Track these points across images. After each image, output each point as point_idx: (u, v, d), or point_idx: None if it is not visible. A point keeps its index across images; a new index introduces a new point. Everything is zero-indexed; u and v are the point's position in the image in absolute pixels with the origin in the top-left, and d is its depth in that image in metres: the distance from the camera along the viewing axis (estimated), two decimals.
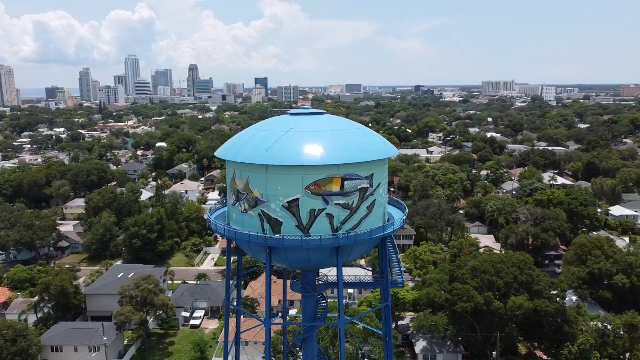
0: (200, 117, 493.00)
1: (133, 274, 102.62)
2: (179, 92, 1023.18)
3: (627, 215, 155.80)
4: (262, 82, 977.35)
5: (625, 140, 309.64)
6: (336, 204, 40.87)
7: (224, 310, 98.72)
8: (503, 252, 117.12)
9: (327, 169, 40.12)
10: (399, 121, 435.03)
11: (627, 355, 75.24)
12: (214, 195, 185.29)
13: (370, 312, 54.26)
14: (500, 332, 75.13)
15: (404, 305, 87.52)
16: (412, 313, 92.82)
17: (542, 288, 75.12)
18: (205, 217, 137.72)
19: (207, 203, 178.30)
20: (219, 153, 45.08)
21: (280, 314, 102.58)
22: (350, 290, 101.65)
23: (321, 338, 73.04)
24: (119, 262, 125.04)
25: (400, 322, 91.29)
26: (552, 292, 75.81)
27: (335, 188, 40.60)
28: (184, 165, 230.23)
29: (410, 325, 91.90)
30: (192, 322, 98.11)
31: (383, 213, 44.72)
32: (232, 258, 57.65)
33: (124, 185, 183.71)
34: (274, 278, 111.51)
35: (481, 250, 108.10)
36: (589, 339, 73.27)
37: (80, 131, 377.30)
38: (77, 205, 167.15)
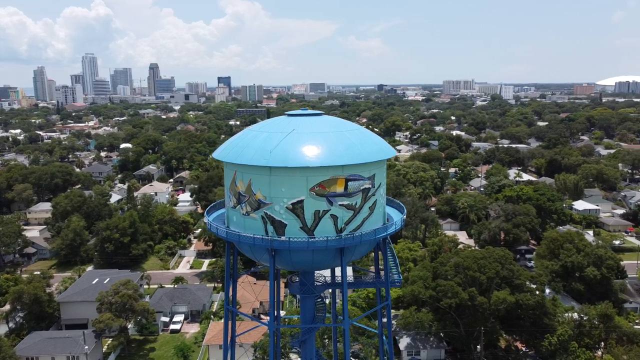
0: (163, 117, 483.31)
1: (109, 279, 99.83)
2: (140, 92, 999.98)
3: (589, 210, 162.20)
4: (225, 81, 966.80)
5: (582, 137, 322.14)
6: (340, 205, 40.94)
7: (205, 314, 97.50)
8: (476, 247, 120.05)
9: (331, 170, 40.14)
10: (364, 120, 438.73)
11: (602, 344, 78.52)
12: (184, 197, 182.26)
13: (371, 311, 54.38)
14: (483, 326, 77.00)
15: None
16: (393, 310, 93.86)
17: (522, 282, 77.42)
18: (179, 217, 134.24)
19: (178, 205, 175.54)
20: (218, 155, 44.41)
21: (261, 316, 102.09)
22: (329, 290, 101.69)
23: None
24: (90, 268, 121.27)
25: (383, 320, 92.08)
26: (531, 286, 78.20)
27: (339, 189, 40.67)
28: (152, 167, 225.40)
29: (394, 322, 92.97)
30: (172, 326, 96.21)
31: (383, 213, 45.13)
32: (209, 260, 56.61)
33: (89, 188, 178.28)
34: (251, 279, 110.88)
35: (460, 247, 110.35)
36: (567, 330, 76.08)
37: (38, 132, 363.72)
38: (42, 209, 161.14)
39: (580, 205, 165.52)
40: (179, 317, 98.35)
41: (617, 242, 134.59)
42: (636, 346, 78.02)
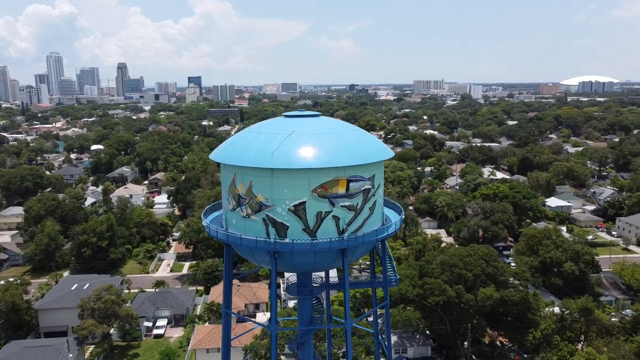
0: (134, 117, 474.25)
1: (88, 284, 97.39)
2: (108, 92, 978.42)
3: (561, 206, 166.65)
4: (195, 81, 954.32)
5: (550, 136, 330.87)
6: (342, 206, 40.96)
7: (190, 317, 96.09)
8: (456, 245, 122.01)
9: (333, 171, 40.12)
10: (338, 120, 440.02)
11: (583, 336, 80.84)
12: (161, 199, 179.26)
13: (371, 311, 54.23)
14: (468, 322, 78.30)
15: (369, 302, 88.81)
16: (379, 309, 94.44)
17: (506, 278, 79.06)
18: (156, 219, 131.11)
19: (155, 207, 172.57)
20: (216, 157, 43.81)
21: (245, 318, 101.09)
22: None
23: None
24: (67, 273, 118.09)
25: (369, 319, 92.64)
26: (515, 282, 79.92)
27: (341, 190, 40.70)
28: (125, 168, 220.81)
29: (380, 321, 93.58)
30: (155, 331, 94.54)
31: (382, 213, 45.39)
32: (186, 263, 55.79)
33: (61, 191, 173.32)
34: (234, 281, 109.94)
35: (443, 245, 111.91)
36: (551, 324, 78.06)
37: (3, 134, 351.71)
38: (12, 213, 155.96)
39: (552, 202, 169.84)
40: (162, 322, 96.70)
41: (589, 238, 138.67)
42: (615, 338, 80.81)
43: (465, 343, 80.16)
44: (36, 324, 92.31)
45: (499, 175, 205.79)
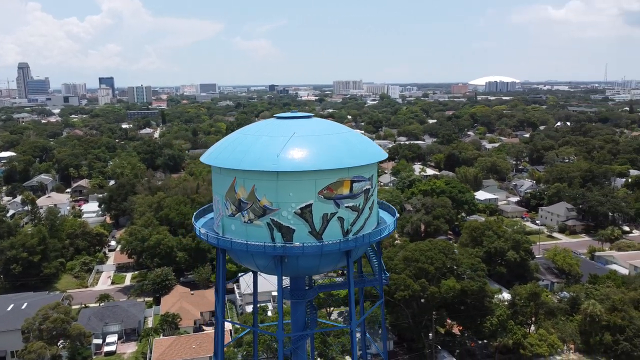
0: (43, 121, 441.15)
1: (26, 304, 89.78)
2: (8, 94, 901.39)
3: (489, 199, 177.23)
4: (107, 81, 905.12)
5: (468, 133, 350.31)
6: (346, 207, 41.01)
7: (145, 330, 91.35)
8: (400, 241, 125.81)
9: (338, 172, 40.07)
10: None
11: (533, 319, 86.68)
12: (90, 207, 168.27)
13: (371, 310, 54.74)
14: (431, 314, 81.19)
15: (337, 301, 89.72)
16: (342, 308, 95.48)
17: (464, 270, 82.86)
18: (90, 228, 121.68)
19: (83, 216, 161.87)
20: (213, 161, 42.08)
21: (203, 327, 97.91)
22: (275, 293, 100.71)
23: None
24: None
25: (332, 317, 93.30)
26: (472, 273, 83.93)
27: (345, 191, 40.74)
28: (44, 176, 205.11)
29: (340, 319, 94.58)
30: (106, 348, 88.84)
31: (378, 213, 45.94)
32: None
33: None
34: (184, 289, 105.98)
35: (397, 242, 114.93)
36: (505, 310, 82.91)
37: None
38: None
39: (481, 195, 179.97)
40: (112, 338, 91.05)
41: (515, 227, 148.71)
42: (559, 319, 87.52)
43: (429, 335, 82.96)
44: None
45: (429, 171, 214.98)
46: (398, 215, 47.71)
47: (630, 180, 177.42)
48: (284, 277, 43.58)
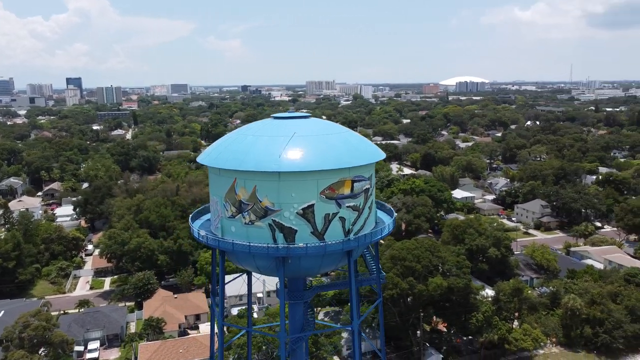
0: (9, 123, 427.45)
1: (3, 311, 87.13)
2: None
3: (466, 197, 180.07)
4: (75, 82, 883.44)
5: (442, 132, 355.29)
6: (347, 207, 41.00)
7: (129, 336, 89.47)
8: (385, 240, 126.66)
9: (340, 172, 40.03)
10: (238, 121, 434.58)
11: (516, 314, 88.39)
12: (64, 211, 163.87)
13: (370, 310, 54.82)
14: (419, 312, 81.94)
15: (323, 301, 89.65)
16: (326, 308, 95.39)
17: (450, 267, 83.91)
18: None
19: (57, 220, 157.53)
20: (211, 162, 41.46)
21: (186, 330, 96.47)
22: (260, 295, 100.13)
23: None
24: None
25: (319, 317, 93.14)
26: (458, 270, 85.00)
27: (346, 190, 40.74)
28: (14, 179, 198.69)
29: (326, 319, 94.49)
30: (88, 355, 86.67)
31: (376, 212, 46.08)
32: None
33: None
34: (167, 293, 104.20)
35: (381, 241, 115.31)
36: (490, 307, 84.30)
37: None
38: None
39: (458, 193, 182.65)
40: (94, 344, 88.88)
41: (494, 225, 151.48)
42: (542, 313, 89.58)
43: (417, 332, 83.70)
44: None
45: (406, 171, 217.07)
46: (395, 215, 47.96)
47: (600, 177, 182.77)
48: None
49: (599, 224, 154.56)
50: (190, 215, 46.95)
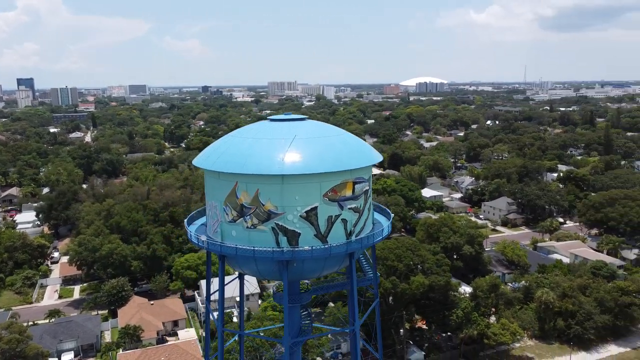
0: None
1: None
2: None
3: (435, 196, 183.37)
4: (27, 83, 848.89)
5: (406, 133, 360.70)
6: (349, 208, 41.12)
7: (106, 345, 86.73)
8: None
9: (342, 174, 40.10)
10: (201, 123, 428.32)
11: (493, 309, 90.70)
12: (24, 217, 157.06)
13: (369, 310, 54.47)
14: (402, 311, 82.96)
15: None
16: (317, 309, 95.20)
17: (431, 265, 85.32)
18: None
19: (17, 227, 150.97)
20: (211, 165, 40.64)
21: (165, 337, 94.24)
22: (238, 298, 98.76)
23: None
24: None
25: None
26: (438, 268, 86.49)
27: (348, 192, 40.85)
28: None
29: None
30: None
31: (373, 214, 46.36)
32: None
33: None
34: (142, 300, 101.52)
35: None
36: (470, 303, 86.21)
37: None
38: None
39: (426, 192, 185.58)
40: (68, 355, 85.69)
41: (464, 222, 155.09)
42: (517, 308, 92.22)
43: (400, 331, 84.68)
44: None
45: (375, 171, 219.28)
46: (393, 216, 48.41)
47: (561, 174, 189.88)
48: (274, 282, 42.97)
49: (561, 220, 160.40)
50: (186, 220, 45.94)
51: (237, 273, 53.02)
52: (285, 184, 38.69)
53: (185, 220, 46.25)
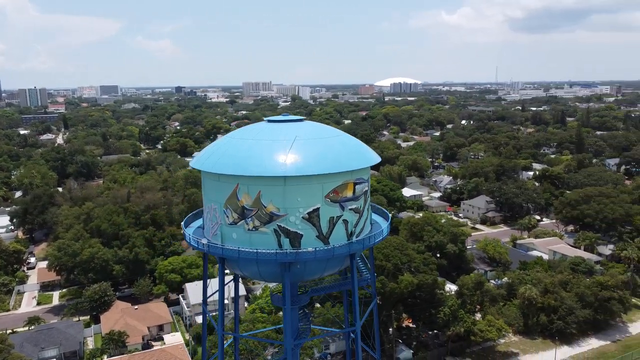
0: None
1: None
2: None
3: (415, 195, 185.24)
4: None
5: (383, 132, 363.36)
6: (350, 209, 41.19)
7: (90, 352, 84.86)
8: None
9: (344, 175, 40.15)
10: (177, 124, 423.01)
11: (479, 306, 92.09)
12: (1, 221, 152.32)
13: (368, 311, 54.39)
14: (391, 310, 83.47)
15: None
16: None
17: (418, 264, 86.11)
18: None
19: None
20: (211, 167, 40.13)
21: (150, 342, 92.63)
22: (226, 301, 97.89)
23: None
24: None
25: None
26: (425, 267, 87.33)
27: (349, 193, 40.92)
28: None
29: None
30: None
31: (371, 215, 46.54)
32: None
33: None
34: (125, 304, 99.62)
35: None
36: (456, 301, 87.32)
37: None
38: None
39: (406, 192, 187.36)
40: None
41: (443, 221, 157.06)
42: (502, 305, 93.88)
43: (389, 330, 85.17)
44: None
45: None
46: (391, 216, 48.66)
47: (537, 173, 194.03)
48: (273, 283, 42.80)
49: (538, 217, 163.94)
50: (183, 223, 45.28)
51: (231, 276, 52.51)
52: (287, 186, 38.51)
53: (182, 222, 45.56)
